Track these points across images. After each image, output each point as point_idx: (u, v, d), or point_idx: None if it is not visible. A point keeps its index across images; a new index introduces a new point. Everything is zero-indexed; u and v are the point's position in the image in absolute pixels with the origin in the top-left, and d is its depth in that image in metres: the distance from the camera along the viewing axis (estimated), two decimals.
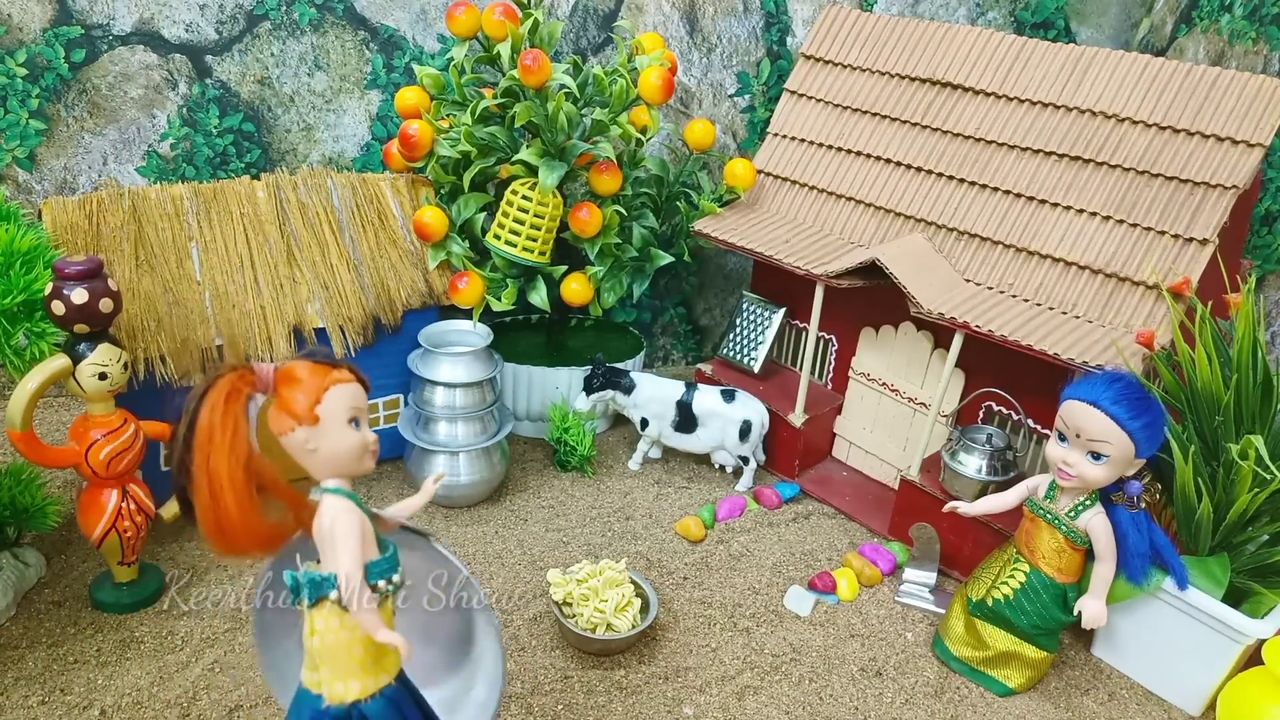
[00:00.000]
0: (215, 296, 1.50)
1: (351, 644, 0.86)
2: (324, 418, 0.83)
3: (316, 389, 0.83)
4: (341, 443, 0.84)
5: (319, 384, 0.83)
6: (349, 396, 0.85)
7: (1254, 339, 1.26)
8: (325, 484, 0.86)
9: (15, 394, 1.18)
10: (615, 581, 1.37)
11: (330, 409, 0.83)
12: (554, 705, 1.25)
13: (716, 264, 2.23)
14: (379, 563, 0.86)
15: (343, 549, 0.83)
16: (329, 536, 0.84)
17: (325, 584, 0.84)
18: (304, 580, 0.85)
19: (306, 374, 0.83)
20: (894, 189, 1.69)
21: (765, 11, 2.04)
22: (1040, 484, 1.30)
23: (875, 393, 1.76)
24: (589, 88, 1.69)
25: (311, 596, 0.85)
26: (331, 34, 1.84)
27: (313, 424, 0.83)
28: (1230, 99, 1.40)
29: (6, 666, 1.23)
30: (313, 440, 0.83)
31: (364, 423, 0.87)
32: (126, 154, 1.82)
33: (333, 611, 0.85)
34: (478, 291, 1.70)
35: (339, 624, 0.85)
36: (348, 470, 0.86)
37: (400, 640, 0.85)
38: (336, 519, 0.84)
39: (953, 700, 1.32)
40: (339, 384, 0.84)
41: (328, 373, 0.84)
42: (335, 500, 0.85)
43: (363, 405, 0.87)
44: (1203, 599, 1.26)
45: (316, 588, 0.85)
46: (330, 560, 0.84)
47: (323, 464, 0.85)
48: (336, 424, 0.84)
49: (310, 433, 0.83)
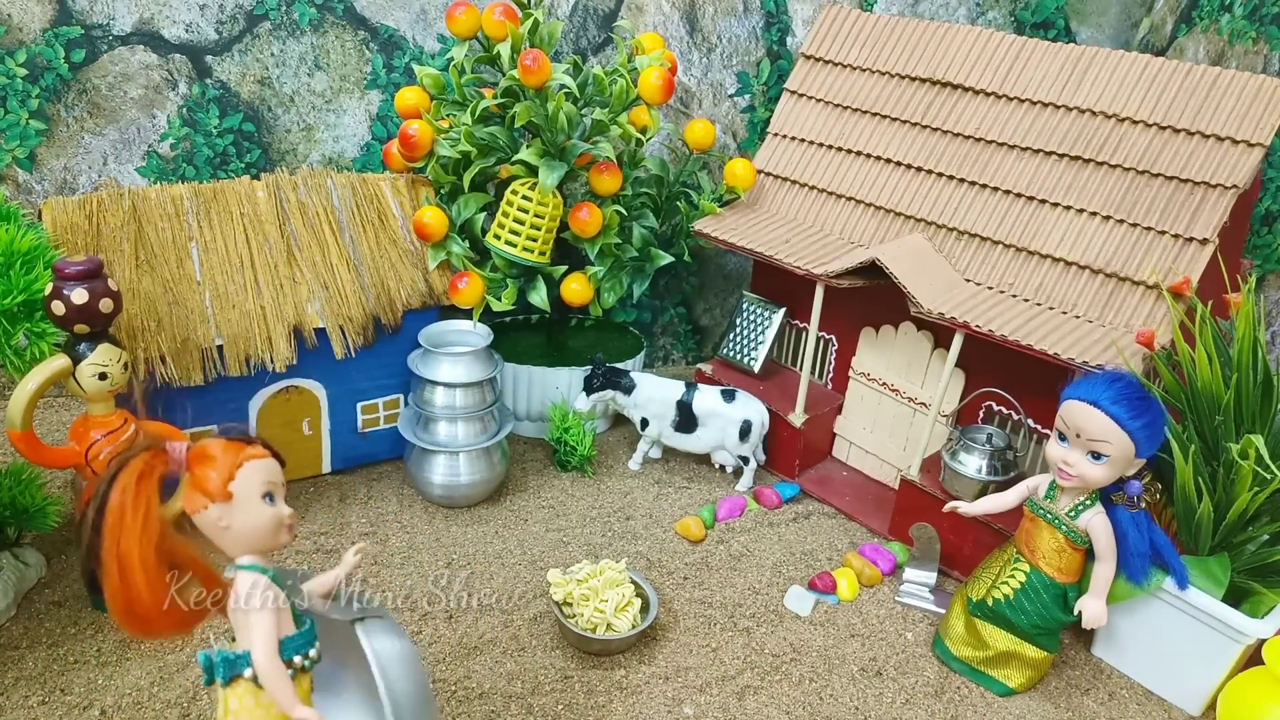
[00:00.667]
0: (215, 296, 1.50)
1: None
2: (237, 494, 0.83)
3: (230, 465, 0.83)
4: (256, 519, 0.84)
5: (232, 460, 0.83)
6: (263, 471, 0.85)
7: (1254, 339, 1.26)
8: (239, 560, 0.86)
9: (15, 394, 1.18)
10: (615, 581, 1.37)
11: (244, 485, 0.83)
12: (554, 705, 1.25)
13: (716, 264, 2.23)
14: (294, 638, 0.86)
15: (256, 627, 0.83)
16: (242, 614, 0.84)
17: (239, 662, 0.84)
18: (217, 659, 0.85)
19: (219, 451, 0.83)
20: (894, 189, 1.69)
21: (765, 11, 2.04)
22: (1040, 484, 1.30)
23: (875, 393, 1.76)
24: (589, 88, 1.69)
25: (225, 675, 0.85)
26: (331, 34, 1.84)
27: (226, 500, 0.83)
28: (1230, 99, 1.40)
29: (7, 666, 1.23)
30: (226, 517, 0.83)
31: (279, 497, 0.87)
32: (126, 154, 1.82)
33: (248, 690, 0.85)
34: (478, 291, 1.70)
35: (254, 702, 0.85)
36: (262, 545, 0.86)
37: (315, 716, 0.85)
38: (250, 595, 0.84)
39: (953, 700, 1.32)
40: (253, 459, 0.84)
41: (241, 449, 0.84)
42: (249, 576, 0.85)
43: (278, 479, 0.86)
44: (1203, 599, 1.26)
45: (231, 666, 0.85)
46: (244, 638, 0.84)
47: (236, 540, 0.85)
48: (250, 499, 0.84)
49: (223, 509, 0.83)
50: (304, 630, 0.88)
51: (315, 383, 1.62)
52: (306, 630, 0.88)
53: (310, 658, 0.88)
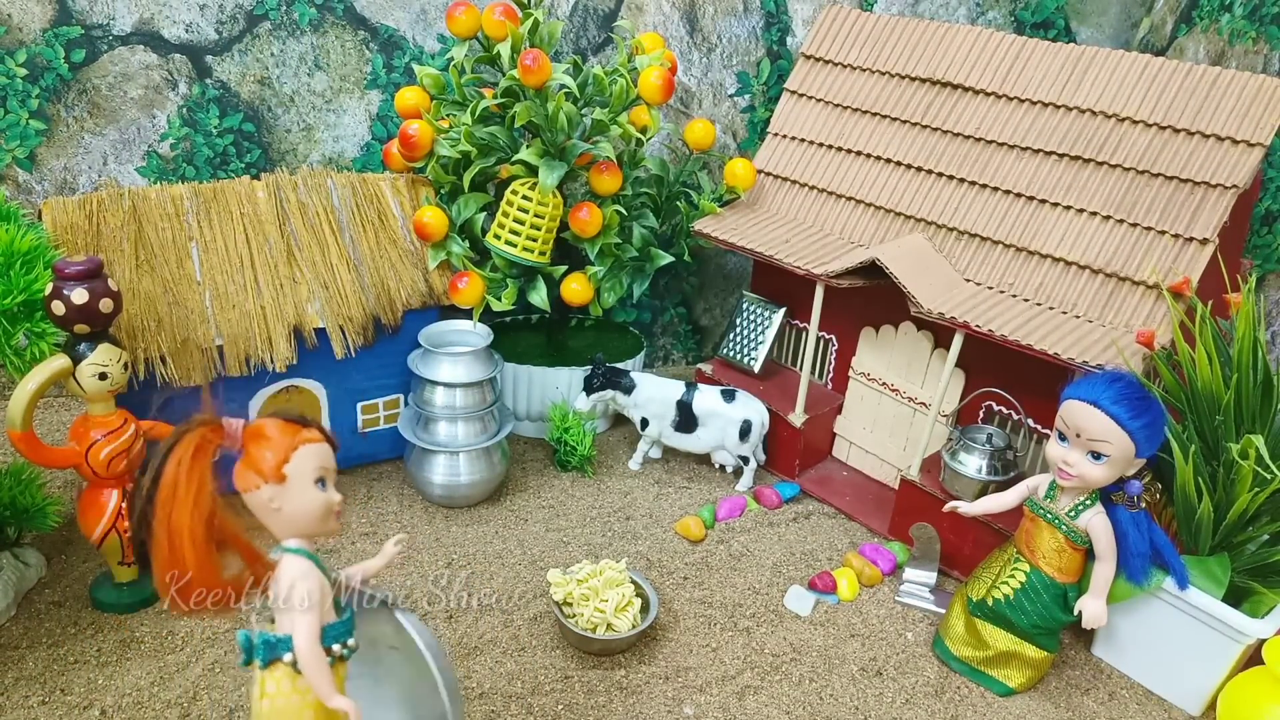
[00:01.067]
0: (215, 296, 1.50)
1: (302, 708, 0.85)
2: (291, 476, 0.83)
3: (285, 447, 0.83)
4: (307, 503, 0.84)
5: (288, 442, 0.83)
6: (317, 456, 0.84)
7: (1254, 338, 1.26)
8: (286, 543, 0.85)
9: (15, 394, 1.18)
10: (615, 581, 1.37)
11: (298, 468, 0.83)
12: (554, 705, 1.25)
13: (716, 264, 2.23)
14: (334, 626, 0.86)
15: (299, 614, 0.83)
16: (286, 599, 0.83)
17: (280, 646, 0.84)
18: (258, 641, 0.85)
19: (276, 432, 0.83)
20: (894, 189, 1.69)
21: (765, 11, 2.04)
22: (1040, 484, 1.30)
23: (875, 392, 1.76)
24: (589, 88, 1.69)
25: (265, 658, 0.85)
26: (331, 34, 1.84)
27: (279, 482, 0.82)
28: (1230, 99, 1.40)
29: (7, 666, 1.23)
30: (278, 499, 0.83)
31: (330, 483, 0.86)
32: (126, 154, 1.82)
33: (285, 674, 0.85)
34: (478, 291, 1.70)
35: (291, 687, 0.85)
36: (311, 530, 0.86)
37: (352, 706, 0.84)
38: (295, 581, 0.83)
39: (953, 700, 1.32)
40: (308, 443, 0.84)
41: (297, 431, 0.84)
42: (295, 561, 0.84)
43: (331, 465, 0.86)
44: (1203, 599, 1.26)
45: (270, 649, 0.84)
46: (286, 622, 0.84)
47: (286, 523, 0.84)
48: (303, 483, 0.83)
49: (276, 491, 0.83)
50: (344, 619, 0.88)
51: (315, 383, 1.62)
52: (346, 619, 0.88)
53: (349, 646, 0.88)
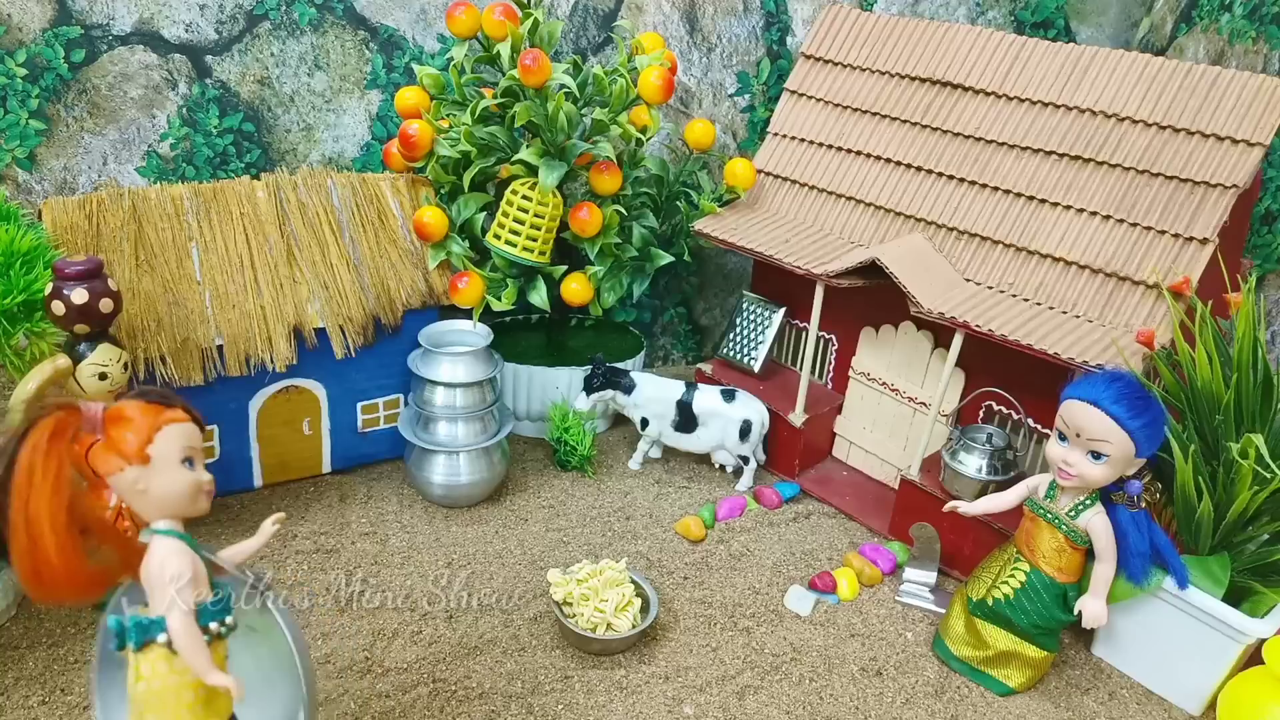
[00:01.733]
0: (215, 296, 1.50)
1: (181, 689, 0.84)
2: (155, 457, 0.81)
3: (148, 428, 0.81)
4: (174, 483, 0.83)
5: (150, 423, 0.81)
6: (183, 436, 0.83)
7: (1254, 338, 1.26)
8: (155, 525, 0.84)
9: (15, 394, 1.18)
10: (615, 581, 1.37)
11: (162, 449, 0.82)
12: (554, 705, 1.25)
13: (716, 264, 2.23)
14: (211, 604, 0.85)
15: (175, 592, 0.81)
16: (158, 579, 0.82)
17: (153, 627, 0.83)
18: (130, 624, 0.83)
19: (137, 413, 0.82)
20: (894, 189, 1.69)
21: (765, 11, 2.04)
22: (1040, 483, 1.30)
23: (875, 392, 1.75)
24: (589, 87, 1.69)
25: (138, 641, 0.83)
26: (331, 34, 1.84)
27: (143, 464, 0.81)
28: (1230, 98, 1.40)
29: (7, 666, 1.23)
30: (143, 480, 0.82)
31: (199, 462, 0.85)
32: (126, 154, 1.82)
33: (160, 656, 0.83)
34: (478, 291, 1.70)
35: (167, 668, 0.84)
36: (180, 511, 0.85)
37: (233, 681, 0.83)
38: (166, 560, 0.82)
39: (953, 700, 1.32)
40: (172, 423, 0.83)
41: (160, 412, 0.83)
42: (166, 541, 0.83)
43: (197, 444, 0.85)
44: (1203, 598, 1.26)
45: (143, 631, 0.83)
46: (160, 603, 0.82)
47: (153, 505, 0.83)
48: (169, 464, 0.82)
49: (141, 473, 0.81)
50: (220, 598, 0.87)
51: (315, 383, 1.62)
52: (223, 598, 0.87)
53: (227, 624, 0.87)
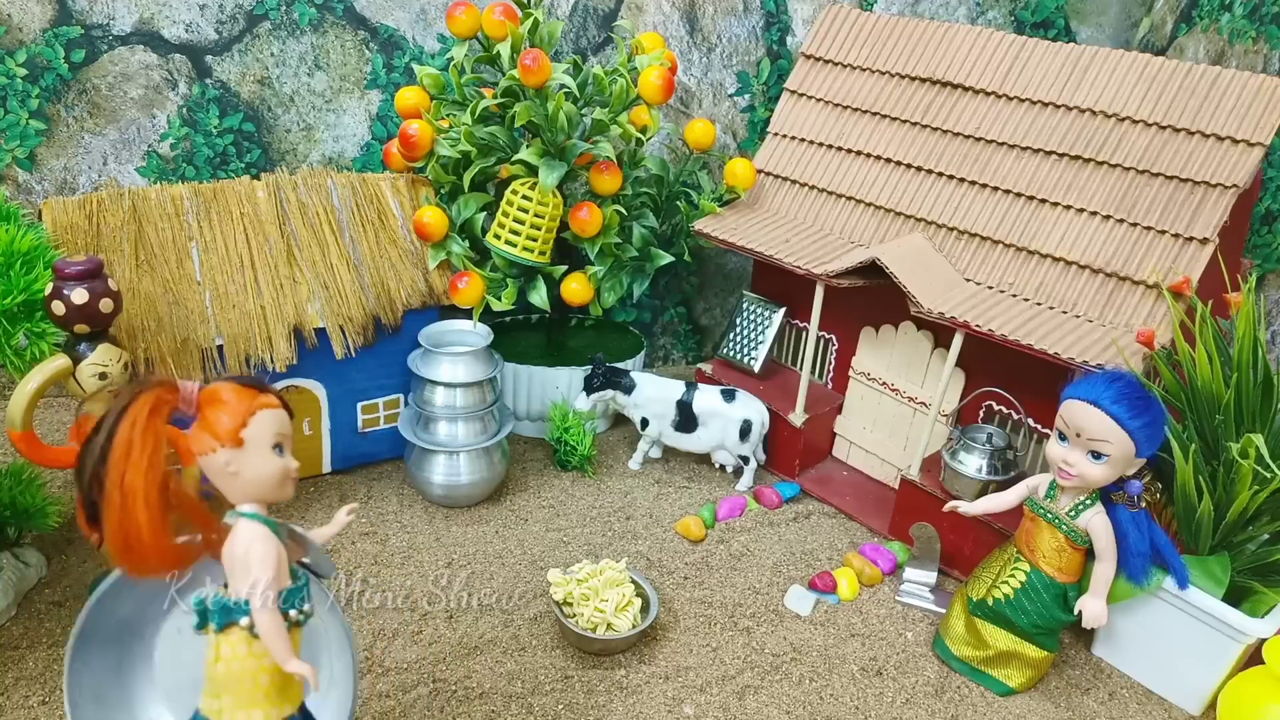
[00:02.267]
0: (215, 297, 1.50)
1: (258, 672, 0.85)
2: (248, 441, 0.82)
3: (243, 411, 0.82)
4: (264, 468, 0.84)
5: (245, 407, 0.82)
6: (275, 421, 0.84)
7: (1254, 338, 1.26)
8: (241, 508, 0.85)
9: (15, 394, 1.18)
10: (615, 581, 1.37)
11: (255, 433, 0.82)
12: (554, 705, 1.25)
13: (716, 264, 2.23)
14: (291, 591, 0.86)
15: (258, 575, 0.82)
16: (242, 561, 0.83)
17: (236, 610, 0.83)
18: (214, 605, 0.84)
19: (233, 395, 0.83)
20: (894, 189, 1.69)
21: (765, 11, 2.04)
22: (1040, 483, 1.30)
23: (875, 392, 1.75)
24: (589, 87, 1.69)
25: (220, 622, 0.84)
26: (331, 34, 1.84)
27: (236, 446, 0.82)
28: (1230, 98, 1.40)
29: (7, 666, 1.23)
30: (234, 463, 0.82)
31: (288, 449, 0.86)
32: (126, 154, 1.82)
33: (241, 638, 0.84)
34: (478, 291, 1.70)
35: (246, 651, 0.84)
36: (267, 495, 0.85)
37: (309, 669, 0.84)
38: (252, 544, 0.83)
39: (953, 700, 1.32)
40: (266, 408, 0.83)
41: (255, 396, 0.83)
42: (251, 525, 0.84)
43: (287, 431, 0.86)
44: (1203, 598, 1.26)
45: (226, 614, 0.84)
46: (243, 586, 0.83)
47: (242, 488, 0.84)
48: (260, 448, 0.83)
49: (233, 455, 0.82)
50: (300, 584, 0.87)
51: (315, 383, 1.62)
52: (302, 584, 0.88)
53: (305, 612, 0.87)
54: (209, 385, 0.83)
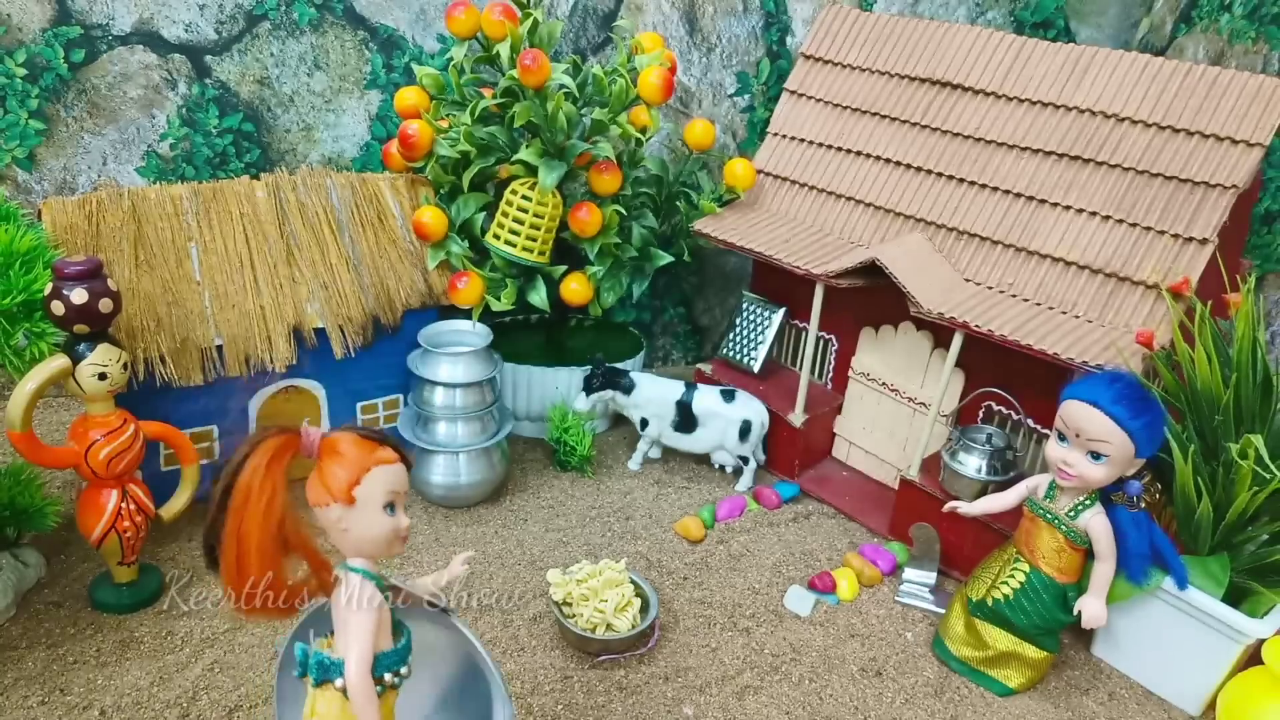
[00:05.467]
0: (215, 296, 1.50)
1: None
2: (360, 499, 0.81)
3: (358, 468, 0.81)
4: (374, 527, 0.83)
5: (361, 463, 0.81)
6: (389, 480, 0.83)
7: (1254, 338, 1.26)
8: (350, 562, 0.85)
9: (15, 394, 1.18)
10: (615, 582, 1.37)
11: (368, 492, 0.82)
12: (554, 705, 1.25)
13: (716, 264, 2.23)
14: (389, 654, 0.86)
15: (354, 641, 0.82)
16: (343, 622, 0.83)
17: (333, 669, 0.83)
18: (313, 659, 0.85)
19: (351, 449, 0.82)
20: (894, 189, 1.69)
21: (765, 11, 2.04)
22: (1040, 484, 1.30)
23: (875, 392, 1.75)
24: (589, 87, 1.69)
25: (317, 678, 0.85)
26: (331, 34, 1.84)
27: (349, 504, 0.81)
28: (1230, 98, 1.40)
29: (6, 667, 1.23)
30: (346, 520, 0.82)
31: (400, 507, 0.85)
32: (126, 154, 1.82)
33: (335, 698, 0.84)
34: (477, 291, 1.70)
35: (339, 710, 0.84)
36: (375, 553, 0.85)
37: None
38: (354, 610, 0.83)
39: (953, 700, 1.32)
40: (381, 464, 0.83)
41: (373, 451, 0.82)
42: (361, 582, 0.84)
43: (402, 488, 0.85)
44: (1203, 599, 1.26)
45: (324, 671, 0.84)
46: (342, 643, 0.83)
47: (352, 543, 0.84)
48: (372, 508, 0.82)
49: (345, 512, 0.82)
50: (400, 645, 0.87)
51: (315, 383, 1.62)
52: (402, 646, 0.87)
53: (401, 675, 0.87)
54: (331, 434, 0.82)
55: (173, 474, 1.47)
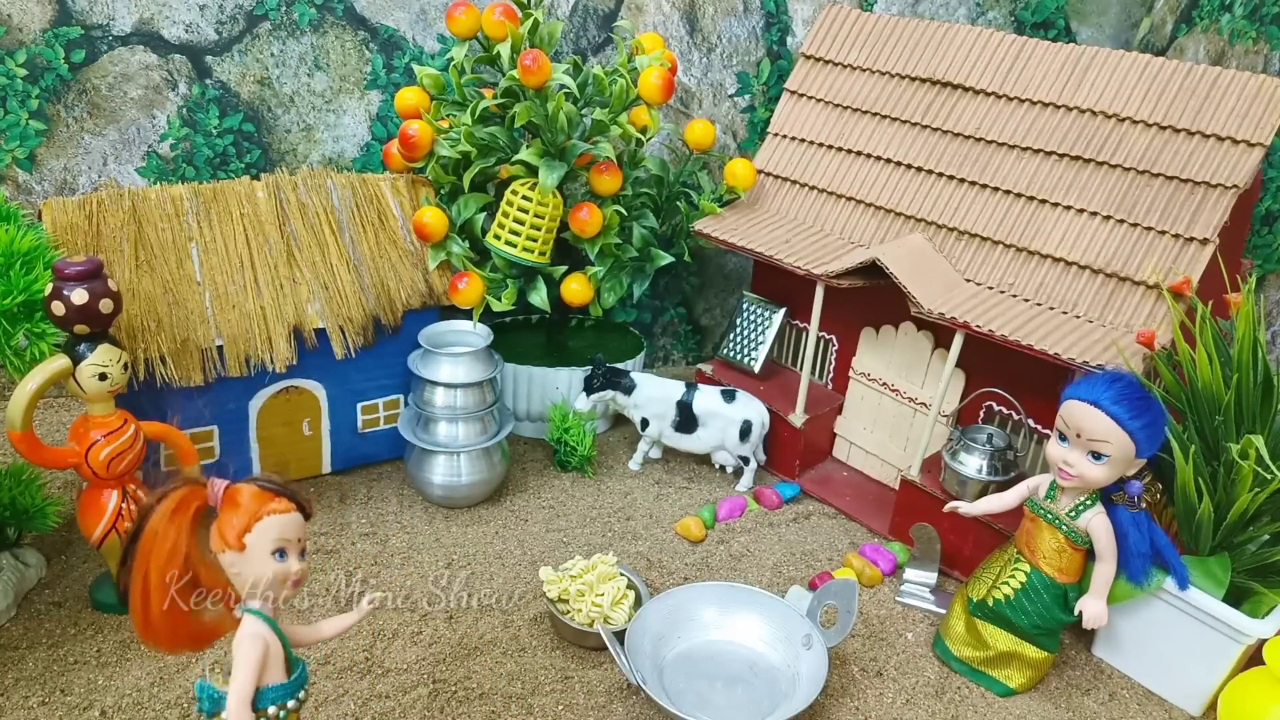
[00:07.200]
0: (215, 297, 1.50)
1: None
2: (250, 546, 0.86)
3: (250, 517, 0.86)
4: (263, 572, 0.88)
5: (254, 512, 0.86)
6: (279, 527, 0.87)
7: (1254, 339, 1.26)
8: (247, 603, 0.89)
9: (15, 394, 1.18)
10: (608, 576, 1.37)
11: (257, 539, 0.86)
12: (554, 705, 1.25)
13: (716, 264, 2.23)
14: (278, 688, 0.90)
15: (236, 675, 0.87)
16: (235, 655, 0.88)
17: (220, 702, 0.88)
18: (206, 694, 0.90)
19: (247, 499, 0.87)
20: (894, 189, 1.69)
21: (765, 11, 2.04)
22: (1041, 484, 1.30)
23: (876, 393, 1.75)
24: (589, 88, 1.69)
25: (209, 710, 0.90)
26: (331, 34, 1.84)
27: (240, 550, 0.86)
28: (1230, 98, 1.40)
29: (7, 667, 1.23)
30: (237, 565, 0.87)
31: (292, 554, 0.89)
32: (126, 154, 1.82)
33: None
34: (478, 291, 1.70)
35: None
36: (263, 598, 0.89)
37: None
38: (242, 643, 0.88)
39: (953, 700, 1.32)
40: (273, 514, 0.87)
41: (266, 501, 0.87)
42: (250, 622, 0.89)
43: (293, 535, 0.89)
44: (1203, 599, 1.26)
45: (214, 703, 0.89)
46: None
47: (245, 586, 0.89)
48: (260, 553, 0.87)
49: (237, 557, 0.87)
50: (293, 679, 0.91)
51: (315, 383, 1.62)
52: (296, 679, 0.92)
53: (288, 708, 0.91)
54: (232, 486, 0.87)
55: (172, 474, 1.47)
